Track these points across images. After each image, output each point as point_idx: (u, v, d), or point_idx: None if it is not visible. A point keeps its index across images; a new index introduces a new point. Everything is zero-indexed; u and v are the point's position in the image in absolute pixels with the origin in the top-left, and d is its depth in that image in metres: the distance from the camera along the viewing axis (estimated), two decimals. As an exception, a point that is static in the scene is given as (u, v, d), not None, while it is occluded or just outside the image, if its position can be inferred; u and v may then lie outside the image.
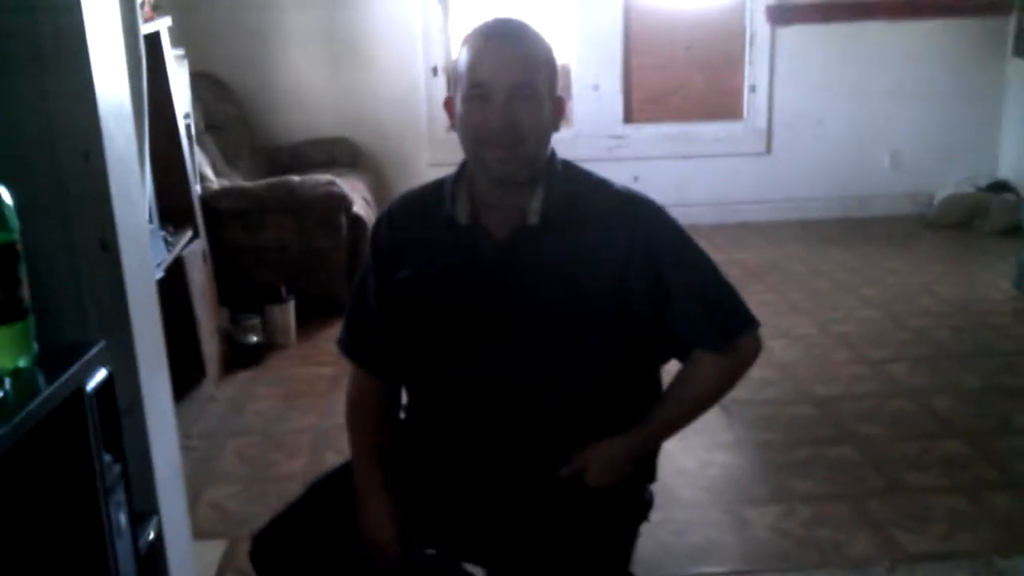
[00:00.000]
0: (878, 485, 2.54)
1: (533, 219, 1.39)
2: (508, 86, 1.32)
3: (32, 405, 1.06)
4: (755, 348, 1.46)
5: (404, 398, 1.62)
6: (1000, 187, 5.35)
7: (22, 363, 1.12)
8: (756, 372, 3.22)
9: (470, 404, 1.46)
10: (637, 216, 1.42)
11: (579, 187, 1.45)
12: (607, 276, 1.39)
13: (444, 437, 1.50)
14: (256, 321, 3.62)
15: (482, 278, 1.42)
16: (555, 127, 1.41)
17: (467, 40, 1.38)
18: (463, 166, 1.46)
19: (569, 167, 1.47)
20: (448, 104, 1.42)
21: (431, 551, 1.53)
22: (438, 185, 1.50)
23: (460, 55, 1.37)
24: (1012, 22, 5.41)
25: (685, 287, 1.41)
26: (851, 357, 3.46)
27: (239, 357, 3.53)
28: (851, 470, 2.62)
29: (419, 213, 1.50)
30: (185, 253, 3.12)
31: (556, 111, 1.40)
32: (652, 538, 2.16)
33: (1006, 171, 5.55)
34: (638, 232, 1.40)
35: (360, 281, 1.56)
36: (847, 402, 3.07)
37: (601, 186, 1.46)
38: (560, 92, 1.43)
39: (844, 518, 2.37)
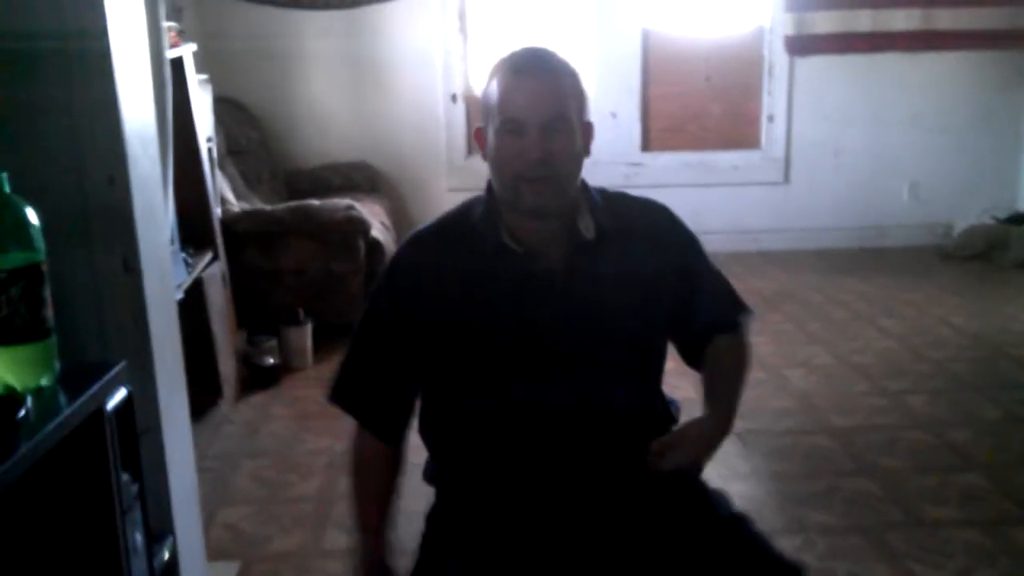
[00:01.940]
0: (896, 518, 2.51)
1: (589, 234, 1.41)
2: (542, 120, 1.32)
3: (53, 424, 1.07)
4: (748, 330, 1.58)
5: (429, 464, 1.53)
6: (1019, 219, 5.32)
7: (44, 382, 1.13)
8: (774, 402, 3.25)
9: (535, 433, 1.39)
10: (675, 227, 1.51)
11: (613, 203, 1.48)
12: (663, 285, 1.45)
13: (504, 485, 1.41)
14: (273, 343, 3.64)
15: (542, 302, 1.40)
16: (586, 152, 1.42)
17: (496, 72, 1.37)
18: (491, 195, 1.43)
19: (595, 188, 1.49)
20: (478, 135, 1.42)
21: None
22: (456, 218, 1.46)
23: (489, 87, 1.37)
24: (1032, 54, 5.41)
25: (711, 283, 1.53)
26: (869, 388, 3.44)
27: (256, 379, 3.55)
28: (869, 502, 2.59)
29: (448, 247, 1.43)
30: (204, 275, 3.14)
31: (586, 136, 1.41)
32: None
33: (1026, 203, 5.53)
34: (680, 242, 1.50)
35: (365, 331, 1.46)
36: (865, 433, 3.04)
37: (630, 199, 1.52)
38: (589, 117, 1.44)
39: (861, 550, 2.34)
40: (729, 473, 2.75)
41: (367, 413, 1.48)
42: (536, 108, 1.33)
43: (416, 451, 1.52)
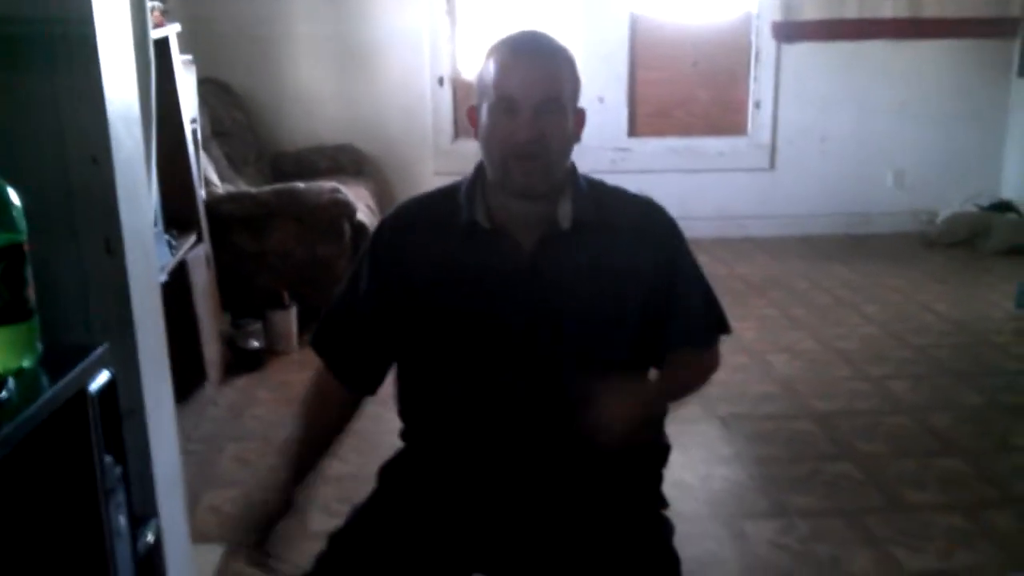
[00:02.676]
0: (877, 502, 2.54)
1: (565, 223, 1.40)
2: (536, 100, 1.33)
3: (35, 406, 1.06)
4: (718, 354, 1.56)
5: (400, 424, 1.55)
6: (1003, 207, 5.36)
7: (26, 363, 1.13)
8: (757, 386, 3.28)
9: (493, 416, 1.41)
10: (663, 226, 1.47)
11: (603, 195, 1.47)
12: (638, 282, 1.43)
13: (461, 457, 1.44)
14: (258, 326, 3.62)
15: (509, 284, 1.40)
16: (576, 139, 1.42)
17: (493, 52, 1.37)
18: (478, 172, 1.45)
19: (586, 176, 1.48)
20: (471, 114, 1.42)
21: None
22: (448, 192, 1.47)
23: (486, 67, 1.37)
24: (1017, 44, 5.43)
25: (691, 294, 1.48)
26: (852, 373, 3.47)
27: (240, 362, 3.54)
28: (850, 486, 2.62)
29: (429, 220, 1.46)
30: (189, 257, 3.12)
31: (577, 123, 1.41)
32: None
33: (1009, 191, 5.57)
34: (665, 242, 1.46)
35: (349, 286, 1.49)
36: (847, 418, 3.07)
37: (622, 193, 1.50)
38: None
39: (842, 534, 2.37)
40: (712, 457, 2.77)
41: (339, 359, 1.51)
42: (531, 88, 1.33)
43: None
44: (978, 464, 2.72)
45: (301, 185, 3.94)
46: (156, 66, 2.42)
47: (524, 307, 1.39)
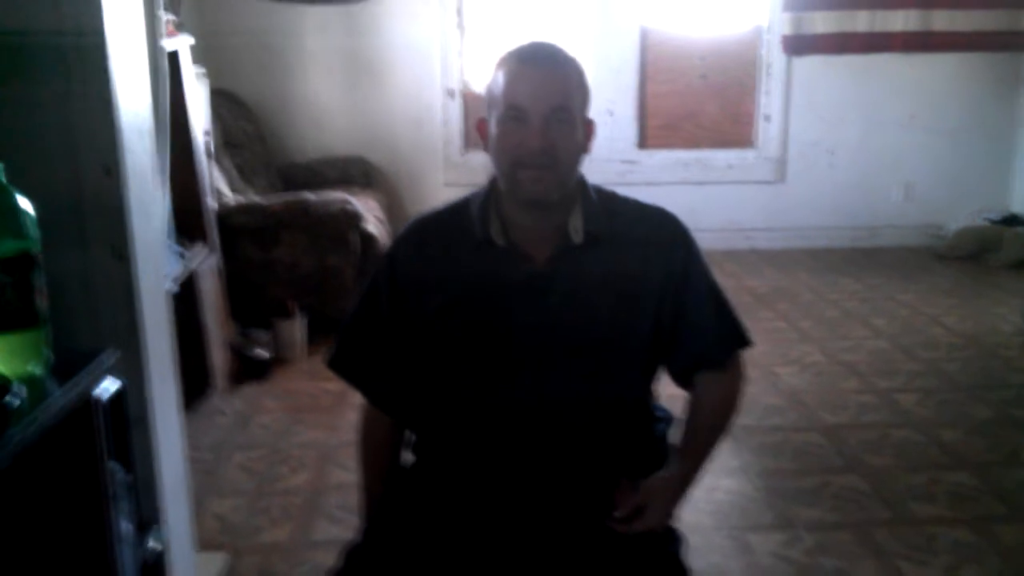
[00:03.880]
0: (884, 515, 2.53)
1: (576, 238, 1.40)
2: (545, 109, 1.33)
3: (44, 412, 1.08)
4: (742, 363, 1.56)
5: (411, 438, 1.56)
6: (1012, 221, 5.35)
7: (36, 370, 1.14)
8: (764, 399, 3.27)
9: (507, 431, 1.41)
10: (675, 236, 1.47)
11: (615, 206, 1.47)
12: (651, 294, 1.43)
13: (472, 474, 1.44)
14: (265, 336, 3.64)
15: (522, 299, 1.40)
16: (585, 150, 1.42)
17: (503, 63, 1.38)
18: (490, 188, 1.45)
19: (597, 188, 1.48)
20: (480, 127, 1.42)
21: None
22: (458, 208, 1.47)
23: (495, 78, 1.37)
24: (1027, 57, 5.43)
25: (702, 307, 1.47)
26: (859, 386, 3.46)
27: (247, 371, 3.56)
28: (857, 499, 2.61)
29: (443, 237, 1.46)
30: (198, 267, 3.15)
31: (587, 134, 1.41)
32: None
33: (1018, 205, 5.55)
34: (677, 252, 1.45)
35: (367, 308, 1.49)
36: (855, 431, 3.06)
37: (635, 204, 1.49)
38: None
39: (849, 547, 2.36)
40: (718, 468, 2.76)
41: (366, 382, 1.52)
42: (540, 98, 1.33)
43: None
44: (986, 478, 2.71)
45: (311, 196, 3.96)
46: (169, 78, 2.45)
47: (538, 322, 1.40)
